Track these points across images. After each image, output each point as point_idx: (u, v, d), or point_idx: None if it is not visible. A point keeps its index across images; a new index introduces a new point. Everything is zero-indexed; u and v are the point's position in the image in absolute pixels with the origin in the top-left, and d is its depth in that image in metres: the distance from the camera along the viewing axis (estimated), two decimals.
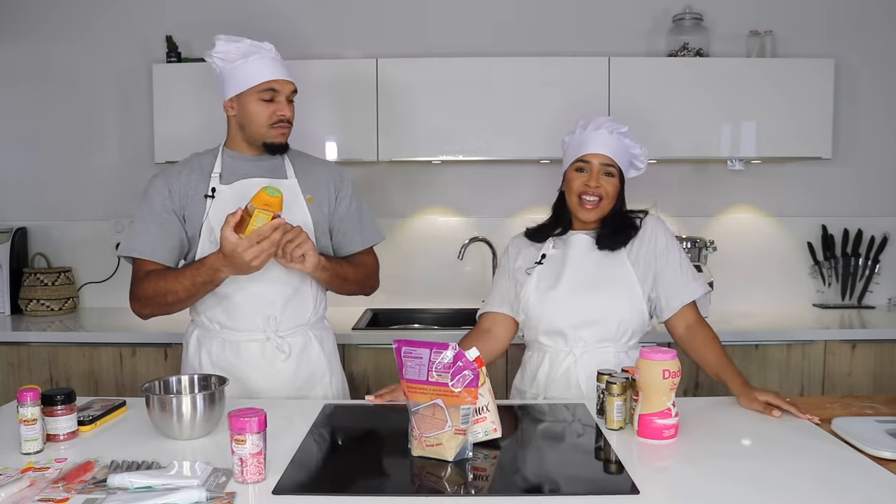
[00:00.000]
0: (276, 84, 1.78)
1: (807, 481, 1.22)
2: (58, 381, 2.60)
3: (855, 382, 2.60)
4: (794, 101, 2.76)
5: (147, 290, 1.74)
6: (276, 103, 1.79)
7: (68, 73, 3.08)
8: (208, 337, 1.84)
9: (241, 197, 1.76)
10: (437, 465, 1.29)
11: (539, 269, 1.82)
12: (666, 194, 3.09)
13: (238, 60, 1.77)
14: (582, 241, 1.82)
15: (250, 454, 1.20)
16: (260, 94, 1.77)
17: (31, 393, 1.36)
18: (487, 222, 3.11)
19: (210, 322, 1.83)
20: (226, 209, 1.74)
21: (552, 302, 1.77)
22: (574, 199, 1.80)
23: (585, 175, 1.78)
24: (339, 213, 1.94)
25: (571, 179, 1.80)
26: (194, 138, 1.94)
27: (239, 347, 1.82)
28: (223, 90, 1.81)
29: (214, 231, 1.75)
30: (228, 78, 1.78)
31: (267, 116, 1.78)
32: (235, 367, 1.80)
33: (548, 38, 3.04)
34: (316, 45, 3.00)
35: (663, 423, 1.41)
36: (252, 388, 1.82)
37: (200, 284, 1.70)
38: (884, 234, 3.09)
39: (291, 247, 1.65)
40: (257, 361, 1.82)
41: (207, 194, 1.79)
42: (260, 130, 1.80)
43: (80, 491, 1.18)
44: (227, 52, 1.77)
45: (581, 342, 1.76)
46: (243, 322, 1.80)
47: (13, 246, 3.00)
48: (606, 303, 1.76)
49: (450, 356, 1.30)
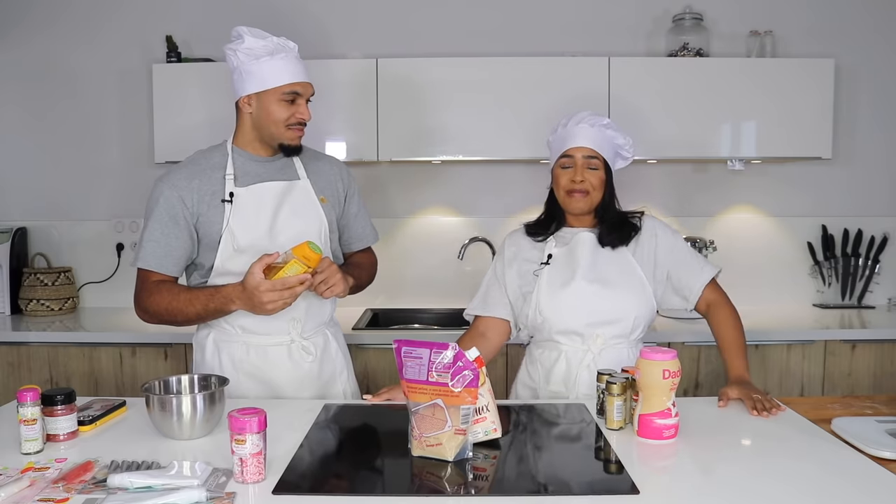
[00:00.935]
0: (300, 87, 1.76)
1: (807, 481, 1.22)
2: (58, 381, 2.60)
3: (855, 382, 2.60)
4: (794, 101, 2.76)
5: (158, 307, 1.71)
6: (296, 105, 1.76)
7: (68, 73, 3.08)
8: (227, 340, 1.81)
9: (259, 201, 1.77)
10: (437, 465, 1.29)
11: (548, 270, 1.82)
12: (666, 194, 3.09)
13: (264, 57, 1.72)
14: (586, 238, 1.82)
15: (250, 454, 1.20)
16: (283, 96, 1.73)
17: (31, 393, 1.36)
18: (487, 222, 3.11)
19: (231, 327, 1.80)
20: (245, 213, 1.75)
21: (567, 301, 1.78)
22: (562, 195, 1.82)
23: (570, 171, 1.80)
24: (351, 211, 1.96)
25: (558, 176, 1.83)
26: (194, 138, 1.94)
27: (266, 351, 1.80)
28: (241, 86, 1.75)
29: (236, 236, 1.74)
30: (250, 74, 1.72)
31: (286, 118, 1.75)
32: (261, 371, 1.80)
33: (548, 38, 3.04)
34: (316, 45, 3.00)
35: (663, 423, 1.41)
36: (278, 390, 1.81)
37: (212, 311, 1.69)
38: (884, 234, 3.09)
39: (324, 288, 1.69)
40: (284, 363, 1.81)
41: (225, 199, 1.75)
42: (278, 131, 1.76)
43: (80, 491, 1.18)
44: (253, 47, 1.72)
45: (599, 339, 1.78)
46: (268, 326, 1.78)
47: (13, 246, 3.00)
48: (623, 300, 1.78)
49: (450, 356, 1.30)
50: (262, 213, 1.77)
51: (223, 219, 1.74)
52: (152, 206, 1.75)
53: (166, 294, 1.71)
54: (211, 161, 1.79)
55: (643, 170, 3.06)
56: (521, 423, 1.57)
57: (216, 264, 1.75)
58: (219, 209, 1.75)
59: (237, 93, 1.77)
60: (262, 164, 1.81)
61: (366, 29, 3.05)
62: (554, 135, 1.88)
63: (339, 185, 1.93)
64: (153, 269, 1.74)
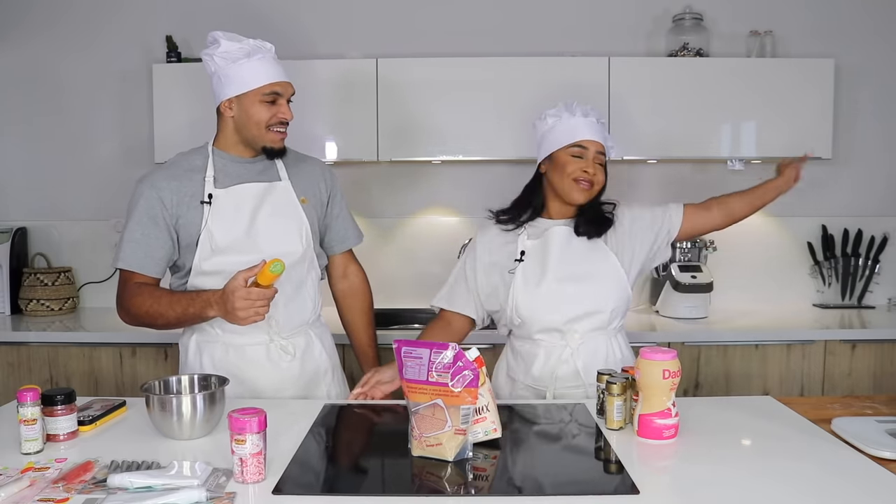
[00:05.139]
0: (279, 87, 1.76)
1: (807, 481, 1.22)
2: (58, 381, 2.60)
3: (855, 382, 2.60)
4: (794, 101, 2.76)
5: (139, 309, 1.71)
6: (277, 105, 1.76)
7: (69, 73, 3.08)
8: (208, 341, 1.82)
9: (239, 202, 1.76)
10: (437, 465, 1.29)
11: (522, 267, 1.81)
12: (666, 194, 3.08)
13: (241, 60, 1.73)
14: (560, 232, 1.82)
15: (250, 454, 1.20)
16: (263, 97, 1.74)
17: (31, 393, 1.36)
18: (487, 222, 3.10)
19: (210, 327, 1.80)
20: (223, 214, 1.75)
21: (543, 302, 1.78)
22: (567, 182, 1.78)
23: (583, 161, 1.78)
24: (334, 212, 1.97)
25: (566, 163, 1.79)
26: (194, 138, 1.93)
27: (244, 351, 1.80)
28: (221, 90, 1.76)
29: (214, 237, 1.74)
30: (228, 78, 1.74)
31: (268, 118, 1.76)
32: (240, 370, 1.79)
33: (548, 38, 3.04)
34: (316, 44, 3.00)
35: (663, 423, 1.41)
36: (258, 390, 1.81)
37: (191, 316, 1.69)
38: (884, 235, 3.09)
39: None
40: (262, 364, 1.81)
41: (204, 200, 1.75)
42: (260, 133, 1.77)
43: (80, 491, 1.18)
44: (229, 51, 1.73)
45: (577, 334, 1.78)
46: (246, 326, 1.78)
47: (13, 246, 3.00)
48: (597, 293, 1.78)
49: (450, 356, 1.30)
50: (240, 214, 1.77)
51: (202, 220, 1.75)
52: (132, 206, 1.76)
53: (147, 297, 1.71)
54: (191, 163, 1.80)
55: (643, 170, 3.06)
56: (521, 424, 1.57)
57: (195, 264, 1.75)
58: (198, 211, 1.75)
59: (217, 97, 1.78)
60: (242, 166, 1.81)
61: (365, 29, 3.05)
62: (556, 119, 1.84)
63: (322, 185, 1.94)
64: (134, 269, 1.74)
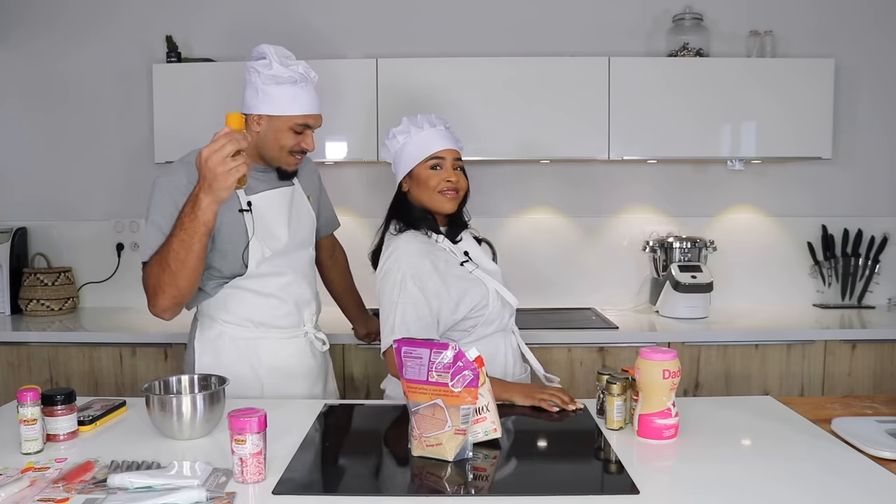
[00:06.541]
0: (312, 119, 1.79)
1: (807, 481, 1.23)
2: (58, 381, 2.60)
3: (855, 382, 2.60)
4: (794, 101, 2.76)
5: (157, 279, 1.59)
6: (303, 136, 1.79)
7: (69, 73, 3.08)
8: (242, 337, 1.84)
9: (271, 207, 1.81)
10: (437, 465, 1.29)
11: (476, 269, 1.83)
12: (666, 194, 3.09)
13: (286, 84, 1.73)
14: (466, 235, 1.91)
15: (250, 454, 1.20)
16: (295, 126, 1.75)
17: (31, 393, 1.36)
18: (488, 222, 3.09)
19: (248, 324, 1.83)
20: (263, 221, 1.78)
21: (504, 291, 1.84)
22: (433, 195, 1.79)
23: (443, 171, 1.80)
24: (322, 201, 2.08)
25: (428, 177, 1.79)
26: (194, 138, 1.93)
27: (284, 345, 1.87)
28: (255, 104, 1.74)
29: (266, 242, 1.79)
30: (268, 96, 1.73)
31: (291, 146, 1.77)
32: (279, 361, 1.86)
33: (548, 39, 3.04)
34: (316, 45, 3.00)
35: (663, 423, 1.41)
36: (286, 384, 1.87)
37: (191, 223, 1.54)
38: (884, 235, 3.09)
39: None
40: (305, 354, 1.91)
41: (244, 208, 1.75)
42: (280, 156, 1.79)
43: (80, 491, 1.18)
44: (278, 75, 1.71)
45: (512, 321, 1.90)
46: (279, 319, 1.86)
47: (13, 246, 2.99)
48: None
49: (450, 356, 1.30)
50: (280, 219, 1.83)
51: (244, 227, 1.76)
52: (157, 199, 1.68)
53: (154, 265, 1.61)
54: None
55: (643, 170, 3.06)
56: (521, 423, 1.57)
57: (250, 269, 1.78)
58: (235, 217, 1.75)
59: (248, 107, 1.77)
60: (261, 173, 1.83)
61: (366, 29, 3.05)
62: (406, 136, 1.83)
63: (315, 178, 2.04)
64: None
